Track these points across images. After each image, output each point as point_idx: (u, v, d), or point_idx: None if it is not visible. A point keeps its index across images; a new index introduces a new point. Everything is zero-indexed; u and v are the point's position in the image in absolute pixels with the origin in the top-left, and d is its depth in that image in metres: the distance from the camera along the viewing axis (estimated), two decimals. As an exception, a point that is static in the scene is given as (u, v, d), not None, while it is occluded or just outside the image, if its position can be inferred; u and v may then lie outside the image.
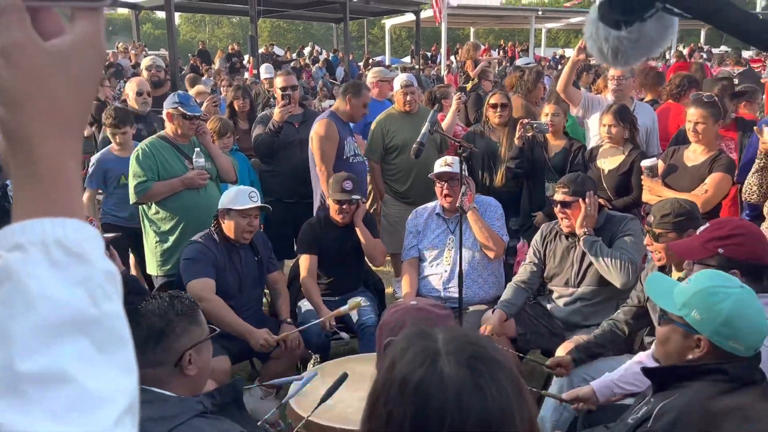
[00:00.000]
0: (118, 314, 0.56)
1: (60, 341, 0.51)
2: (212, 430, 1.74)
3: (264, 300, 4.31)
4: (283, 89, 5.02)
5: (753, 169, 3.47)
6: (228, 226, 3.64)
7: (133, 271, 4.69)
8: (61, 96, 0.58)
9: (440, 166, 3.95)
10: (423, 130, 3.36)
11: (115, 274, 0.58)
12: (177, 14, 23.40)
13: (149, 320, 1.84)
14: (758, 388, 1.83)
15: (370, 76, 6.38)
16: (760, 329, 1.85)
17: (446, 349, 0.97)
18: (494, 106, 4.86)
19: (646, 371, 1.98)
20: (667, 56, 14.64)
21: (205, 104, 5.61)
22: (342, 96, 4.86)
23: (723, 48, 21.97)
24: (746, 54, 19.56)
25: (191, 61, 18.59)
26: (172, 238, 4.08)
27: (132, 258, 4.75)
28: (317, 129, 4.66)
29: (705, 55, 16.58)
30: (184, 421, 1.71)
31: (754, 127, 3.75)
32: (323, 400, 2.61)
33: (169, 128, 4.19)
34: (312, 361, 4.10)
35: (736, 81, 6.66)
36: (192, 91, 6.35)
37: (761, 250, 2.43)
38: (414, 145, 3.35)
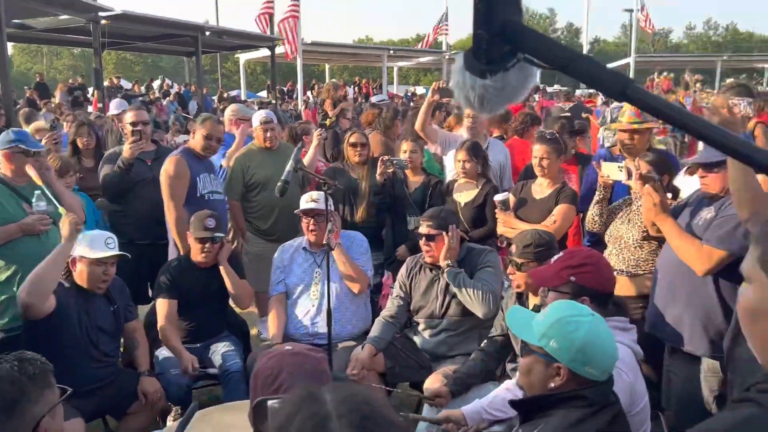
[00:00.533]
0: None
1: None
2: None
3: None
4: (134, 124, 4.77)
5: (594, 200, 3.77)
6: (80, 274, 3.34)
7: None
8: None
9: (306, 202, 3.94)
10: (287, 168, 3.32)
11: None
12: (10, 44, 21.71)
13: None
14: (614, 409, 1.95)
15: (228, 113, 6.24)
16: (611, 354, 1.98)
17: (337, 412, 0.92)
18: (354, 145, 4.93)
19: (513, 403, 2.04)
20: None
21: (44, 142, 5.19)
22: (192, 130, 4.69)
23: (556, 86, 24.08)
24: (578, 92, 21.56)
25: (27, 95, 17.23)
26: (8, 290, 3.68)
27: None
28: (166, 167, 4.47)
29: (537, 97, 18.04)
30: None
31: (593, 162, 4.10)
32: None
33: (4, 168, 3.82)
34: (173, 414, 3.87)
35: (569, 114, 7.29)
36: (29, 128, 5.85)
37: (607, 278, 2.63)
38: (279, 183, 3.30)
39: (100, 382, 3.33)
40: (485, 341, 3.36)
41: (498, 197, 4.28)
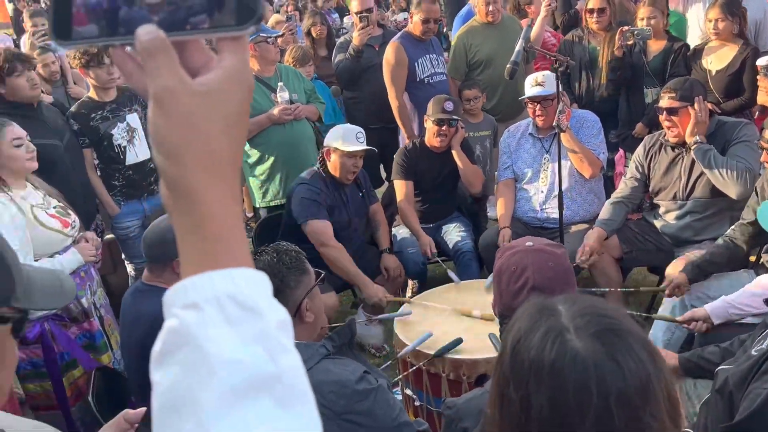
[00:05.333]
0: (297, 366, 0.56)
1: (245, 404, 0.51)
2: (339, 370, 1.80)
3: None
4: (359, 13, 4.87)
5: None
6: (333, 165, 3.61)
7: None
8: (214, 139, 0.56)
9: (531, 86, 3.75)
10: (517, 48, 3.16)
11: (288, 321, 0.57)
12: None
13: None
14: None
15: None
16: None
17: (574, 324, 0.92)
18: (591, 11, 4.52)
19: None
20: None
21: (282, 32, 5.53)
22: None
23: None
24: None
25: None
26: (266, 174, 4.15)
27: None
28: (386, 55, 4.54)
29: None
30: (313, 365, 1.77)
31: None
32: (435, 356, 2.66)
33: (251, 62, 4.17)
34: (411, 287, 4.18)
35: None
36: (269, 21, 6.27)
37: None
38: (508, 66, 3.16)
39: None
40: (734, 225, 3.06)
41: (761, 61, 3.69)
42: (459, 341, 2.65)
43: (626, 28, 4.19)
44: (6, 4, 13.49)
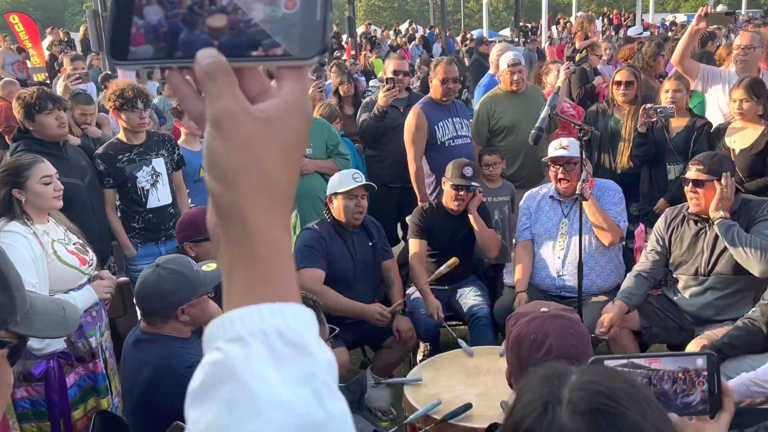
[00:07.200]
0: (344, 414, 0.51)
1: None
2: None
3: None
4: (395, 73, 4.96)
5: None
6: (337, 210, 3.64)
7: None
8: (271, 166, 0.54)
9: (555, 149, 3.77)
10: (542, 115, 3.19)
11: (334, 362, 0.54)
12: None
13: None
14: None
15: (493, 55, 6.16)
16: None
17: (569, 397, 0.87)
18: (618, 83, 4.58)
19: None
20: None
21: (310, 90, 5.65)
22: None
23: None
24: None
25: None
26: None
27: None
28: (407, 120, 4.61)
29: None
30: None
31: None
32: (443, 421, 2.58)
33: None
34: (422, 349, 4.10)
35: None
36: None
37: None
38: (533, 131, 3.19)
39: (362, 316, 3.63)
40: (756, 306, 2.98)
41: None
42: (468, 406, 2.57)
43: (649, 105, 4.24)
44: (44, 50, 13.99)
